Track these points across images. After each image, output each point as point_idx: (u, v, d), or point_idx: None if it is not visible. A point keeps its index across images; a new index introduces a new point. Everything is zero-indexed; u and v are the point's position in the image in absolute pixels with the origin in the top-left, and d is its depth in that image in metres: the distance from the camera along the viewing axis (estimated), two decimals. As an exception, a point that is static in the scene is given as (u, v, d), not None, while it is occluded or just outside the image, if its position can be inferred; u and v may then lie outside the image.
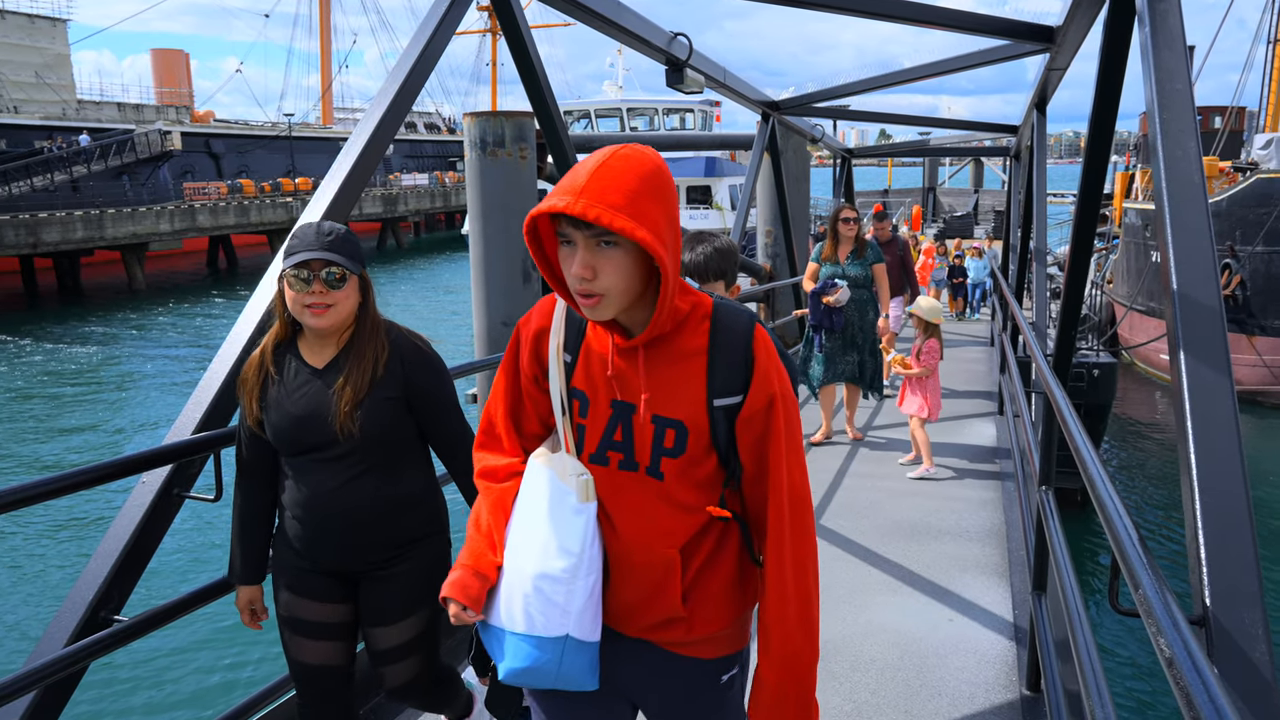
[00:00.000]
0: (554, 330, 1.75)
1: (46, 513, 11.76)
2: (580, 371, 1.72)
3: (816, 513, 5.52)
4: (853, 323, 6.95)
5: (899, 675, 3.60)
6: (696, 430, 1.66)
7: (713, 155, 31.61)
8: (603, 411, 1.70)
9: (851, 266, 6.95)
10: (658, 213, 1.52)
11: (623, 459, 1.70)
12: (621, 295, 1.57)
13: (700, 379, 1.66)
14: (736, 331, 1.67)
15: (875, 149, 19.88)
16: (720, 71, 7.53)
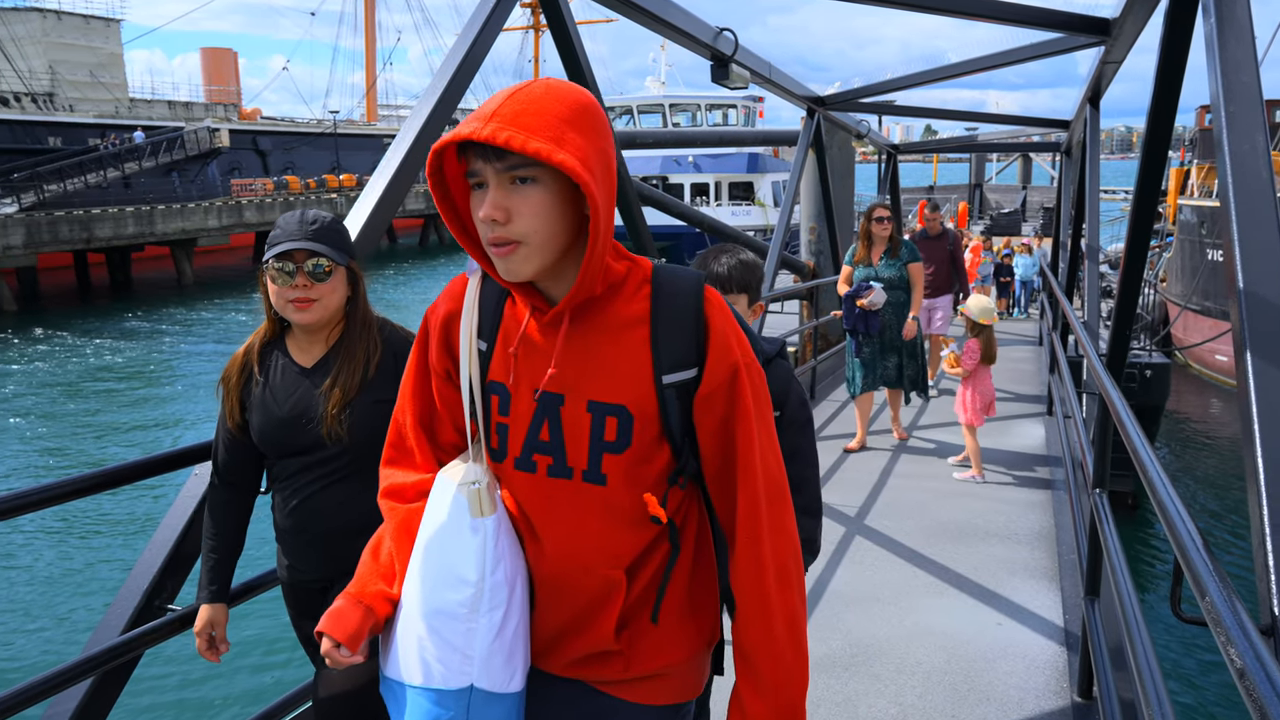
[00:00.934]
0: (465, 313, 1.49)
1: (99, 507, 12.04)
2: (498, 360, 1.46)
3: (860, 513, 5.48)
4: (890, 325, 6.72)
5: (946, 679, 3.54)
6: (643, 416, 1.39)
7: (755, 151, 31.48)
8: (525, 406, 1.43)
9: (886, 268, 6.69)
10: (588, 147, 1.28)
11: (552, 463, 1.42)
12: (543, 244, 1.31)
13: (643, 352, 1.39)
14: (683, 293, 1.42)
15: (921, 145, 19.62)
16: (765, 67, 7.47)
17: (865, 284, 6.56)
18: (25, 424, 17.61)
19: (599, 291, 1.38)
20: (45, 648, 8.64)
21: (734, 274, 2.41)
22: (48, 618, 9.39)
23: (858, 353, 6.76)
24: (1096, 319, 7.17)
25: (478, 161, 1.29)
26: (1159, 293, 21.86)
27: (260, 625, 8.58)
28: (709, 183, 31.88)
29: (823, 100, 9.54)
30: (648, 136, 15.06)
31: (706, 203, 31.22)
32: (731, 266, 2.40)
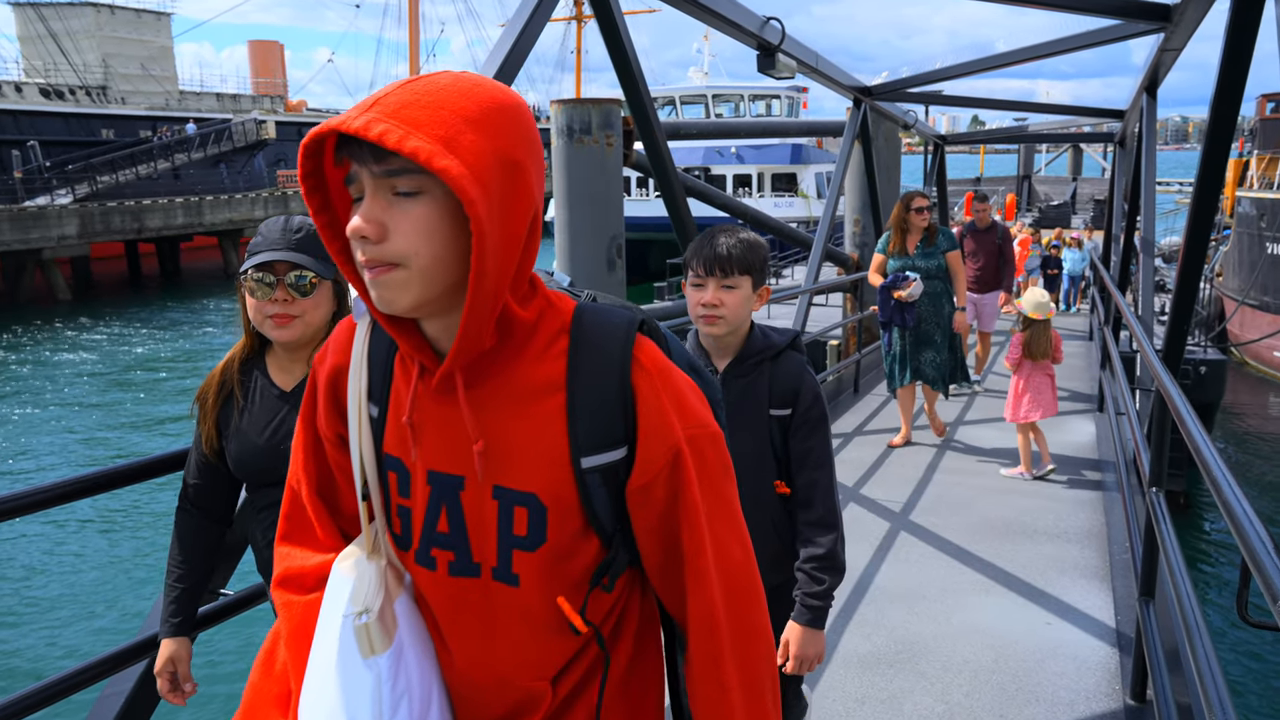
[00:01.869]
0: (353, 369, 1.22)
1: (143, 494, 12.31)
2: (392, 429, 1.19)
3: (905, 508, 5.41)
4: (926, 317, 6.40)
5: (994, 678, 3.49)
6: (560, 507, 1.13)
7: (799, 142, 31.26)
8: (422, 489, 1.17)
9: (922, 258, 6.36)
10: (490, 154, 1.01)
11: (454, 559, 1.16)
12: (427, 271, 1.02)
13: (557, 427, 1.12)
14: (606, 350, 1.13)
15: (969, 135, 19.28)
16: (812, 56, 7.39)
17: (902, 275, 6.27)
18: (75, 413, 18.04)
19: (489, 344, 1.09)
20: (101, 632, 8.86)
21: (733, 254, 2.16)
22: (102, 603, 9.63)
23: (890, 347, 6.52)
24: (1151, 314, 7.00)
25: (355, 164, 1.02)
26: (1215, 287, 21.32)
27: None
28: (751, 174, 31.70)
29: (869, 90, 9.42)
30: (692, 128, 14.99)
31: (749, 194, 31.05)
32: (730, 246, 2.15)
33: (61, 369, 21.60)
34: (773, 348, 2.21)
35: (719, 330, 2.16)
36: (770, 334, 2.25)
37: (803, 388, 2.17)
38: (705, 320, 2.16)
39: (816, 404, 2.18)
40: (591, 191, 9.15)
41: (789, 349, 2.23)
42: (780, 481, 2.20)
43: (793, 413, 2.16)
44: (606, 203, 9.14)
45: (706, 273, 2.15)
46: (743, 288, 2.16)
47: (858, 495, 5.68)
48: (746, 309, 2.17)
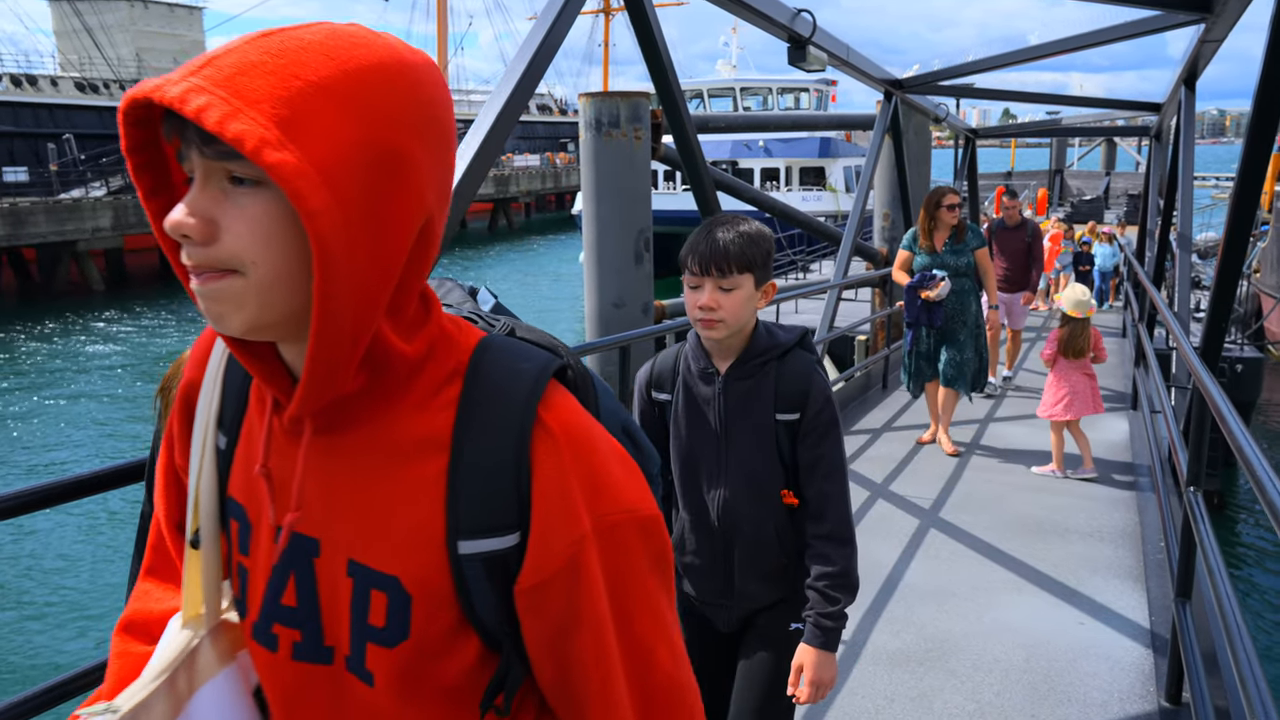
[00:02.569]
0: (205, 388, 1.00)
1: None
2: (239, 468, 0.96)
3: (935, 505, 5.37)
4: (952, 316, 6.19)
5: (1025, 678, 3.45)
6: (428, 597, 0.86)
7: (827, 136, 31.04)
8: (267, 548, 0.91)
9: (951, 255, 6.14)
10: (351, 140, 0.74)
11: (301, 640, 0.90)
12: (268, 284, 0.77)
13: (433, 498, 0.85)
14: (504, 405, 0.86)
15: (1001, 129, 19.07)
16: (843, 49, 7.33)
17: (929, 274, 6.09)
18: (105, 405, 18.32)
19: (353, 385, 0.83)
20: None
21: (731, 250, 1.92)
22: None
23: (915, 346, 6.34)
24: (1187, 311, 6.89)
25: (185, 149, 0.77)
26: (1252, 284, 20.96)
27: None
28: (779, 167, 31.55)
29: (900, 83, 9.34)
30: (720, 120, 14.93)
31: (776, 188, 30.90)
32: (728, 242, 1.93)
33: (94, 360, 21.93)
34: (779, 347, 2.05)
35: (718, 335, 1.99)
36: (776, 332, 2.09)
37: (812, 390, 2.01)
38: (703, 324, 1.99)
39: (827, 408, 2.02)
40: (619, 185, 9.14)
41: (797, 348, 2.07)
42: (788, 491, 2.04)
43: (801, 417, 2.01)
44: (634, 196, 9.13)
45: (702, 272, 1.96)
46: (743, 287, 1.95)
47: (886, 492, 5.64)
48: (748, 309, 1.99)
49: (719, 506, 2.06)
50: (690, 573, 2.16)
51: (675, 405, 2.12)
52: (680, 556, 2.15)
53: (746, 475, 2.04)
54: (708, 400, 2.07)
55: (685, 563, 2.15)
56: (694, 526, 2.12)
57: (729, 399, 2.05)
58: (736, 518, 2.05)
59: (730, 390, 2.05)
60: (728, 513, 2.06)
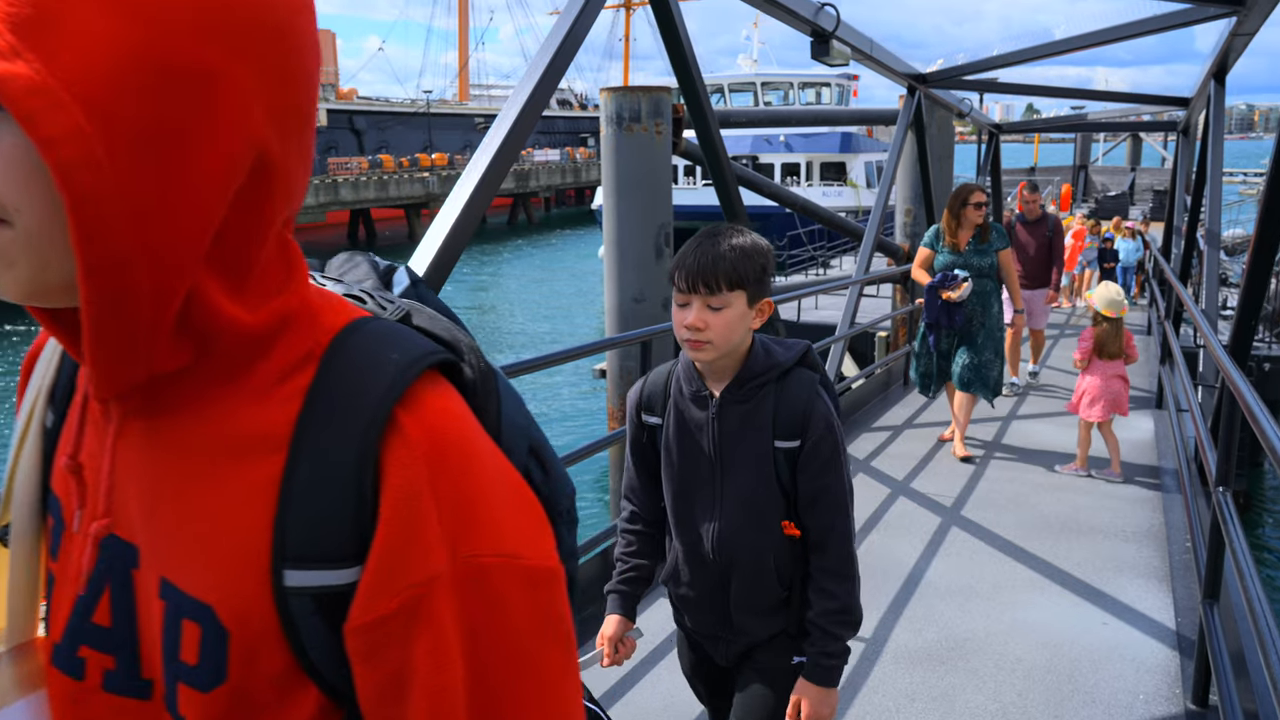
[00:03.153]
0: (44, 353, 0.85)
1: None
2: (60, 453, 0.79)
3: (956, 503, 5.33)
4: (974, 318, 5.98)
5: (1048, 678, 3.42)
6: (248, 633, 0.68)
7: (849, 131, 30.91)
8: (79, 554, 0.74)
9: (975, 254, 5.95)
10: (122, 53, 0.57)
11: (114, 668, 0.72)
12: (33, 233, 0.60)
13: (260, 509, 0.67)
14: (356, 402, 0.68)
15: (1025, 124, 18.88)
16: (866, 43, 7.28)
17: (951, 274, 5.89)
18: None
19: (165, 362, 0.66)
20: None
21: (721, 266, 1.75)
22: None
23: (935, 347, 6.12)
24: (1215, 308, 6.81)
25: None
26: None
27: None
28: (800, 162, 31.43)
29: (924, 78, 9.27)
30: (742, 115, 14.91)
31: (797, 183, 30.79)
32: (719, 255, 1.76)
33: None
34: (777, 368, 1.88)
35: (705, 357, 1.84)
36: (775, 351, 1.91)
37: (812, 415, 1.85)
38: (690, 345, 1.83)
39: (829, 435, 1.85)
40: (640, 179, 9.14)
41: (798, 367, 1.90)
42: (788, 522, 1.90)
43: (801, 445, 1.85)
44: (655, 191, 9.13)
45: (689, 288, 1.79)
46: (734, 306, 1.79)
47: (907, 489, 5.61)
48: (740, 329, 1.82)
49: (714, 538, 1.93)
50: (686, 605, 2.06)
51: (666, 429, 1.98)
52: (675, 588, 2.05)
53: (743, 505, 1.91)
54: (700, 425, 1.92)
55: (680, 595, 2.05)
56: (688, 558, 2.00)
57: (723, 424, 1.90)
58: (733, 550, 1.93)
59: (725, 415, 1.90)
60: (724, 544, 1.93)
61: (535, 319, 25.96)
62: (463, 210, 3.44)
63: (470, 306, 27.19)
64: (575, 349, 4.15)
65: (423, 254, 3.38)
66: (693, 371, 1.93)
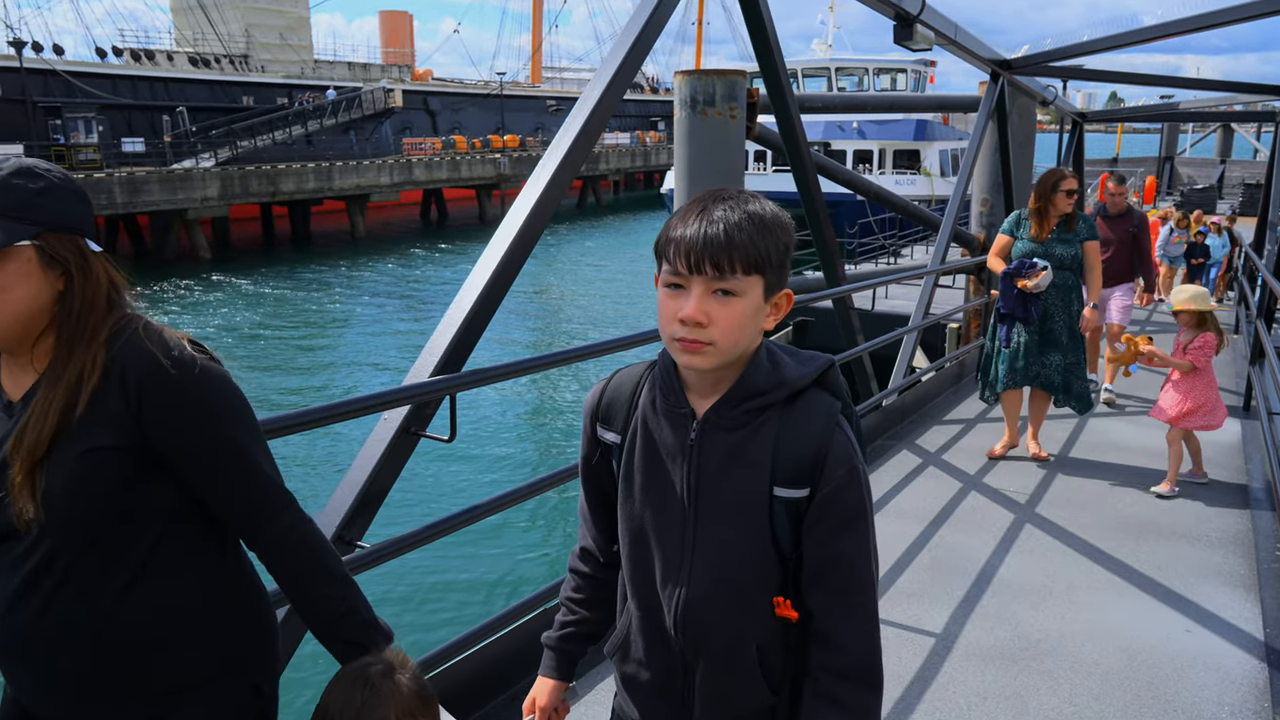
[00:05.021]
0: None
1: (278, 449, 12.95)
2: None
3: (1031, 499, 5.23)
4: (1054, 314, 5.62)
5: (1126, 684, 3.33)
6: None
7: (924, 118, 30.31)
8: None
9: (1058, 244, 5.59)
10: None
11: None
12: None
13: None
14: None
15: (1112, 113, 18.28)
16: (951, 27, 7.11)
17: (1029, 261, 5.52)
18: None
19: None
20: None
21: (736, 237, 1.30)
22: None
23: (1008, 342, 5.71)
24: (1312, 307, 6.52)
25: None
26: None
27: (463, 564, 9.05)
28: (873, 150, 30.95)
29: (1009, 64, 9.02)
30: (817, 101, 14.70)
31: (869, 170, 30.35)
32: (733, 224, 1.30)
33: (204, 323, 22.89)
34: (786, 386, 1.38)
35: (702, 363, 1.34)
36: (785, 364, 1.41)
37: (830, 454, 1.35)
38: (682, 345, 1.33)
39: (851, 485, 1.36)
40: (713, 164, 9.07)
41: (814, 388, 1.41)
42: (783, 600, 1.41)
43: (811, 494, 1.36)
44: (728, 176, 9.05)
45: (690, 268, 1.31)
46: (747, 295, 1.32)
47: (980, 484, 5.50)
48: (751, 328, 1.35)
49: (679, 608, 1.43)
50: (634, 690, 1.53)
51: (626, 451, 1.48)
52: (622, 665, 1.55)
53: (721, 570, 1.41)
54: (673, 453, 1.42)
55: (628, 675, 1.54)
56: (644, 628, 1.49)
57: (704, 456, 1.40)
58: (704, 629, 1.42)
59: (707, 443, 1.40)
60: (691, 620, 1.42)
61: (599, 301, 26.07)
62: (544, 191, 3.47)
63: (536, 290, 27.42)
64: (640, 335, 4.13)
65: (503, 234, 3.41)
66: (672, 379, 1.44)
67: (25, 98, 32.98)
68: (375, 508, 2.94)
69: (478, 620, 3.08)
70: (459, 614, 8.40)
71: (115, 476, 1.38)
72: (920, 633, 3.71)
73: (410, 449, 3.01)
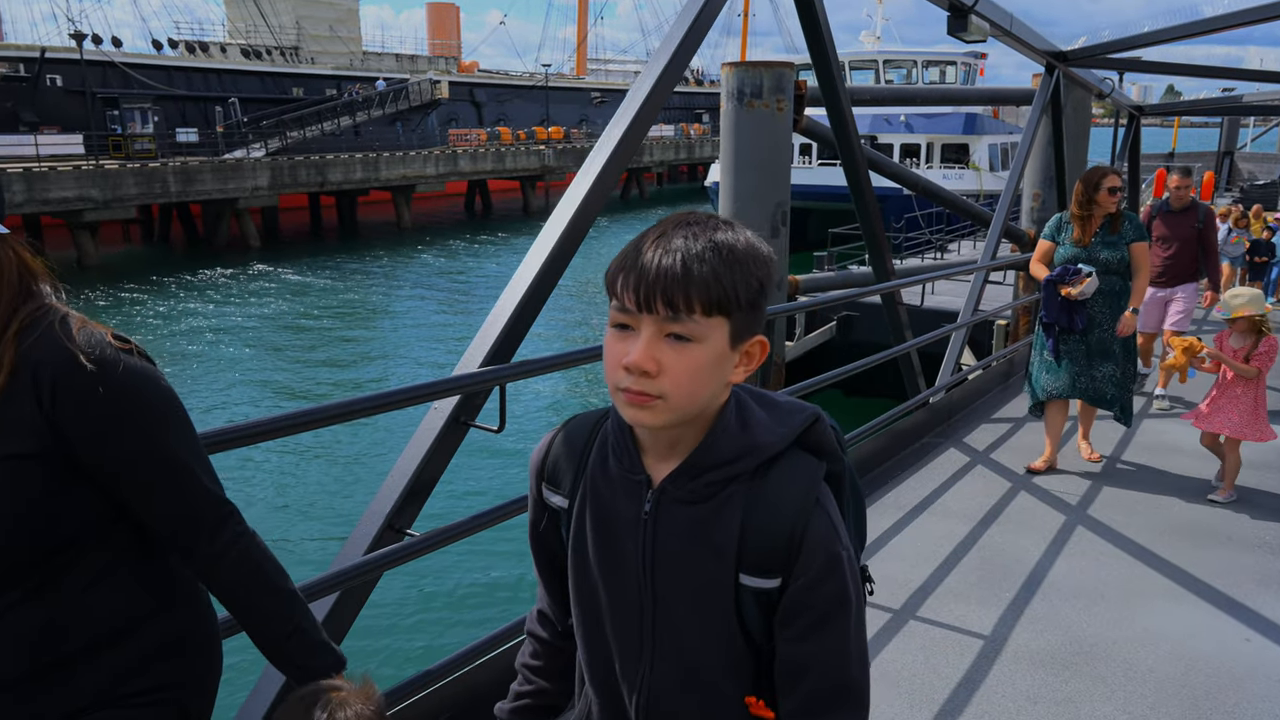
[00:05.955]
0: None
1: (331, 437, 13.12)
2: None
3: (1083, 501, 5.13)
4: (1102, 322, 5.32)
5: (1184, 693, 3.25)
6: None
7: (973, 111, 29.82)
8: None
9: (1103, 247, 5.28)
10: None
11: None
12: None
13: None
14: None
15: (1170, 106, 17.79)
16: (1006, 18, 6.97)
17: (1073, 267, 5.25)
18: (255, 354, 19.41)
19: None
20: (295, 565, 9.55)
21: (695, 270, 1.09)
22: (299, 537, 10.39)
23: (1054, 353, 5.42)
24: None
25: None
26: None
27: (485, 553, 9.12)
28: (920, 144, 30.51)
29: (1065, 55, 8.83)
30: (865, 93, 14.53)
31: (916, 164, 29.91)
32: (693, 255, 1.10)
33: (251, 312, 23.29)
34: (755, 453, 1.17)
35: (652, 420, 1.13)
36: (757, 422, 1.19)
37: (806, 539, 1.15)
38: (627, 398, 1.13)
39: (832, 575, 1.15)
40: (759, 156, 8.99)
41: (795, 449, 1.19)
42: (756, 700, 1.24)
43: (783, 586, 1.16)
44: (774, 168, 8.98)
45: (638, 304, 1.11)
46: (708, 340, 1.11)
47: (1029, 484, 5.41)
48: (713, 381, 1.14)
49: (641, 704, 1.27)
50: None
51: (575, 518, 1.28)
52: None
53: (685, 659, 1.23)
54: (627, 526, 1.23)
55: None
56: (604, 714, 1.34)
57: (661, 532, 1.21)
58: None
59: (664, 518, 1.21)
60: (656, 712, 1.27)
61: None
62: (592, 185, 3.46)
63: (578, 283, 27.48)
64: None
65: (553, 226, 3.41)
66: (625, 437, 1.24)
67: (85, 89, 33.75)
68: (424, 496, 2.96)
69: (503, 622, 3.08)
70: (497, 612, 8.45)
71: (34, 486, 1.27)
72: (967, 634, 3.66)
73: (460, 439, 3.03)
